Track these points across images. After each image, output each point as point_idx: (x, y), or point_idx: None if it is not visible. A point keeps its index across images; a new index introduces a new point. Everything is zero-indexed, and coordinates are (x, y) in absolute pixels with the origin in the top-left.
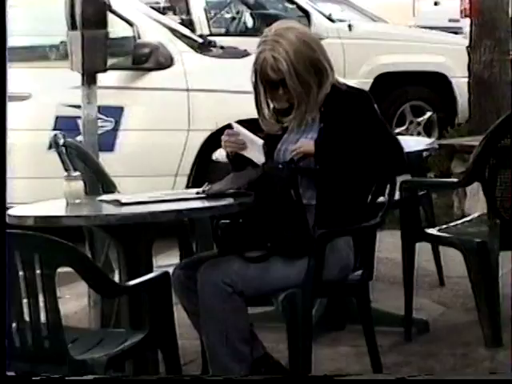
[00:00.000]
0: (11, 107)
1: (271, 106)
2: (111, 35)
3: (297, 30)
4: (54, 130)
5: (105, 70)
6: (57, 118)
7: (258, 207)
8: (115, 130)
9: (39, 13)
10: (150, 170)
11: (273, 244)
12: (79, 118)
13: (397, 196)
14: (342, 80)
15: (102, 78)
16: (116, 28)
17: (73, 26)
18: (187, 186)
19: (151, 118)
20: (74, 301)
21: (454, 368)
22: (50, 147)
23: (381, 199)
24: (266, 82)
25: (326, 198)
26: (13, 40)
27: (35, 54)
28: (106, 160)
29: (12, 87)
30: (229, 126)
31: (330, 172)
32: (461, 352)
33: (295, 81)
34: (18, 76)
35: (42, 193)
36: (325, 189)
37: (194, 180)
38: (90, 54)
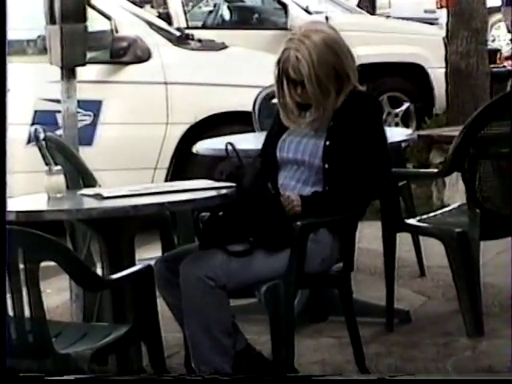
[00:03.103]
0: None
1: (294, 99)
2: (89, 29)
3: (325, 33)
4: (33, 124)
5: (84, 64)
6: (35, 112)
7: (239, 200)
8: (94, 123)
9: (16, 8)
10: (129, 164)
11: (255, 238)
12: (58, 112)
13: None
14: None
15: (80, 72)
16: (93, 22)
17: (51, 20)
18: (166, 179)
19: (130, 112)
20: (55, 295)
21: (435, 358)
22: (29, 142)
23: None
24: (286, 78)
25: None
26: None
27: (13, 48)
28: (84, 154)
29: None
30: (208, 120)
31: (334, 171)
32: (442, 342)
33: (314, 85)
34: None
35: (22, 187)
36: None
37: (173, 173)
38: (70, 48)
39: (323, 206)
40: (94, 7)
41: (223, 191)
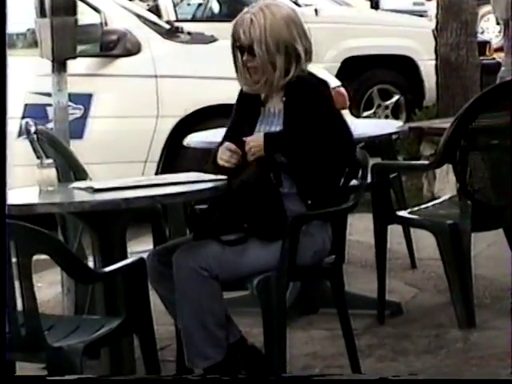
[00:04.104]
0: None
1: (245, 64)
2: (79, 22)
3: (286, 10)
4: (24, 118)
5: (75, 57)
6: (26, 105)
7: (236, 190)
8: (84, 117)
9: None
10: (120, 157)
11: (249, 225)
12: (48, 105)
13: (368, 179)
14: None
15: (70, 66)
16: (83, 15)
17: (42, 13)
18: (157, 172)
19: (120, 105)
20: (47, 289)
21: (427, 349)
22: (20, 135)
23: (353, 182)
24: (237, 43)
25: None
26: None
27: None
28: (75, 147)
29: None
30: (198, 113)
31: (295, 161)
32: (434, 333)
33: (263, 50)
34: None
35: (12, 180)
36: (297, 177)
37: (163, 166)
38: (60, 41)
39: (285, 145)
40: (83, 0)
41: (214, 184)
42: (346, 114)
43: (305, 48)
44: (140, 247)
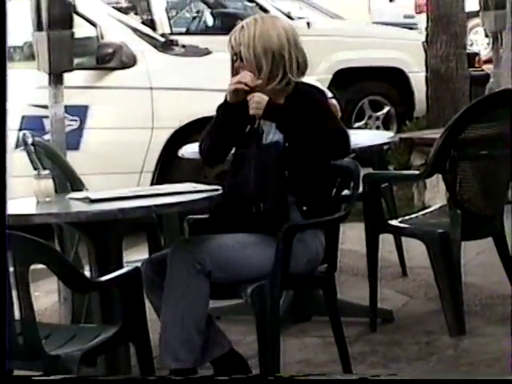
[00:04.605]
0: None
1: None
2: (75, 36)
3: (279, 21)
4: (21, 129)
5: (71, 70)
6: (23, 117)
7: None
8: (80, 128)
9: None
10: (116, 168)
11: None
12: (45, 117)
13: (360, 189)
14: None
15: (67, 78)
16: (79, 28)
17: (39, 26)
18: (152, 183)
19: (116, 117)
20: (43, 298)
21: (418, 356)
22: (17, 146)
23: (345, 192)
24: (231, 51)
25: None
26: None
27: None
28: (71, 158)
29: None
30: (192, 124)
31: (298, 165)
32: (425, 340)
33: (251, 54)
34: None
35: (10, 192)
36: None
37: (158, 176)
38: (57, 54)
39: (285, 120)
40: (80, 14)
41: (208, 194)
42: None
43: (296, 59)
44: (136, 256)
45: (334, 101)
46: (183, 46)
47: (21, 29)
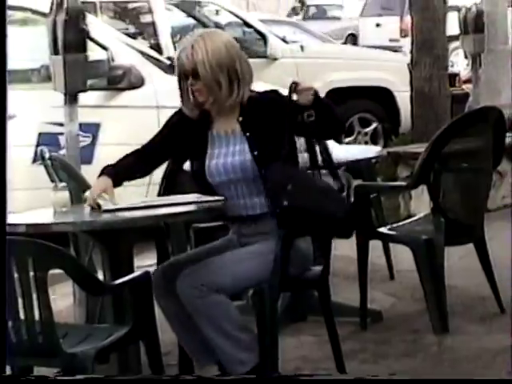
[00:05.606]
0: None
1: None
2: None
3: (225, 38)
4: (38, 145)
5: (85, 90)
6: (39, 134)
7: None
8: (93, 144)
9: (21, 41)
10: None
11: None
12: (60, 134)
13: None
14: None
15: (80, 98)
16: (92, 52)
17: (55, 50)
18: (159, 194)
19: (125, 133)
20: (60, 301)
21: (405, 353)
22: (34, 161)
23: None
24: (180, 71)
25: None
26: None
27: (19, 77)
28: (85, 172)
29: None
30: None
31: (276, 171)
32: (411, 338)
33: (207, 70)
34: None
35: (27, 203)
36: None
37: (165, 188)
38: (72, 75)
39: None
40: (92, 39)
41: (212, 204)
42: (329, 140)
43: (245, 69)
44: (145, 262)
45: None
46: None
47: (37, 53)
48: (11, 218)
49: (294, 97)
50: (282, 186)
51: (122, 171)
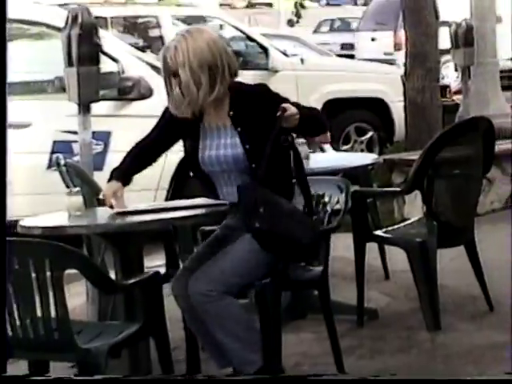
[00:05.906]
0: (15, 134)
1: (174, 89)
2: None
3: (207, 33)
4: (52, 152)
5: (98, 101)
6: (54, 142)
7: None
8: (104, 151)
9: (37, 54)
10: (134, 186)
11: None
12: (74, 142)
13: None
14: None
15: (93, 107)
16: (104, 64)
17: (69, 63)
18: (167, 199)
19: (135, 141)
20: (73, 299)
21: (400, 349)
22: (49, 167)
23: (337, 206)
24: (164, 69)
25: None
26: (15, 76)
27: (35, 88)
28: (97, 177)
29: (14, 117)
30: None
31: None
32: (405, 335)
33: (187, 72)
34: (20, 107)
35: (42, 207)
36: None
37: (172, 193)
38: (85, 86)
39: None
40: (104, 52)
41: (217, 208)
42: (327, 148)
43: (228, 64)
44: (154, 262)
45: None
46: None
47: (52, 65)
48: (28, 221)
49: (282, 123)
50: (254, 208)
51: (130, 170)
